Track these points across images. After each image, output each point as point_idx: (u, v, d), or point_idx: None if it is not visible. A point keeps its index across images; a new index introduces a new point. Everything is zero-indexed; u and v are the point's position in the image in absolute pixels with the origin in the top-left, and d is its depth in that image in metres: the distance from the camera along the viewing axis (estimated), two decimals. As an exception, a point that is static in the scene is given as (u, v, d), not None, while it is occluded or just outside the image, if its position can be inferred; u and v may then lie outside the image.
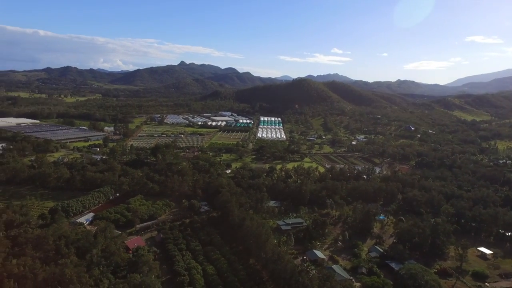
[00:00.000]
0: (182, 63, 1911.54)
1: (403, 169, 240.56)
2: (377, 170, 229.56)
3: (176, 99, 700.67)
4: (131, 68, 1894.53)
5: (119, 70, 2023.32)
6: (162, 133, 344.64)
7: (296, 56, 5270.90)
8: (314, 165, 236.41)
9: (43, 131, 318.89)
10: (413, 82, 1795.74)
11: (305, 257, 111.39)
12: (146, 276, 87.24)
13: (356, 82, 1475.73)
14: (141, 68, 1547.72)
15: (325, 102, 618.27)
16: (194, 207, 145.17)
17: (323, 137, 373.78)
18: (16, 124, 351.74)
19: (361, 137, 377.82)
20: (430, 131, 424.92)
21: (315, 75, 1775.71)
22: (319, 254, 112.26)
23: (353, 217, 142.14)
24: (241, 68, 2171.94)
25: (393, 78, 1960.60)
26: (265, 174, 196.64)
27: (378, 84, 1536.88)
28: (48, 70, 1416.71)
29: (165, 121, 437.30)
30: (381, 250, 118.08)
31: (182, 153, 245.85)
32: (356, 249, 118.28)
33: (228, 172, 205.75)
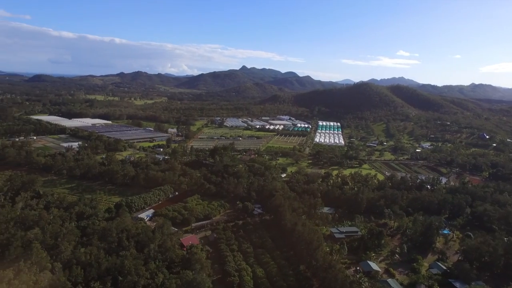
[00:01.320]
0: (243, 67, 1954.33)
1: (474, 180, 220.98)
2: (443, 180, 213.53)
3: (236, 103, 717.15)
4: (195, 72, 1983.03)
5: (185, 74, 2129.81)
6: (221, 136, 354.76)
7: (359, 59, 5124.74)
8: (373, 172, 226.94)
9: (114, 131, 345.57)
10: (489, 85, 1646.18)
11: (358, 268, 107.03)
12: (198, 274, 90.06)
13: (424, 86, 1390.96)
14: (204, 72, 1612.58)
15: (387, 107, 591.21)
16: (248, 209, 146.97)
17: (385, 143, 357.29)
18: (92, 124, 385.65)
19: (426, 145, 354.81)
20: (508, 140, 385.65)
21: (379, 79, 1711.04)
22: (374, 266, 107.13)
23: (413, 229, 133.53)
24: (302, 72, 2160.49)
25: (466, 82, 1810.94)
26: (320, 180, 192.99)
27: (448, 88, 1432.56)
28: (121, 74, 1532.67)
29: (224, 124, 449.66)
30: (444, 267, 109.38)
31: (239, 156, 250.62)
32: (415, 264, 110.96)
33: (283, 176, 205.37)
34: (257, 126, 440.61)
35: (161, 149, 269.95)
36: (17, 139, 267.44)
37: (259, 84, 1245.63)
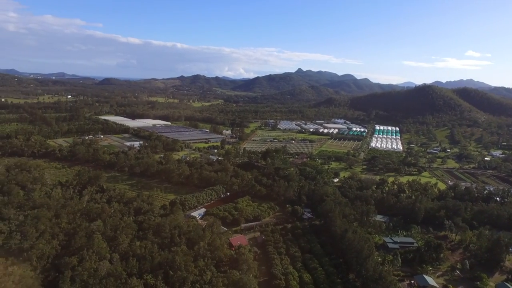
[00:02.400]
0: (299, 70, 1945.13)
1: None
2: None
3: (291, 106, 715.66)
4: (251, 75, 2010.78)
5: (241, 77, 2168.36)
6: (274, 138, 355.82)
7: (422, 60, 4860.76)
8: (433, 180, 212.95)
9: (172, 131, 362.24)
10: None
11: (412, 282, 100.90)
12: (245, 274, 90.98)
13: (496, 88, 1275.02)
14: (260, 75, 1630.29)
15: (453, 111, 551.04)
16: (297, 213, 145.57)
17: (448, 150, 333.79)
18: (152, 125, 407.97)
19: (497, 153, 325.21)
20: None
21: (444, 81, 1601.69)
22: (430, 280, 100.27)
23: (478, 244, 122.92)
24: (359, 75, 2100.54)
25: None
26: (374, 186, 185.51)
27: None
28: (181, 78, 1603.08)
29: (278, 126, 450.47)
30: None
31: (291, 159, 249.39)
32: (478, 283, 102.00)
33: (335, 181, 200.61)
34: (311, 130, 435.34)
35: (215, 150, 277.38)
36: (86, 138, 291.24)
37: (315, 87, 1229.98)
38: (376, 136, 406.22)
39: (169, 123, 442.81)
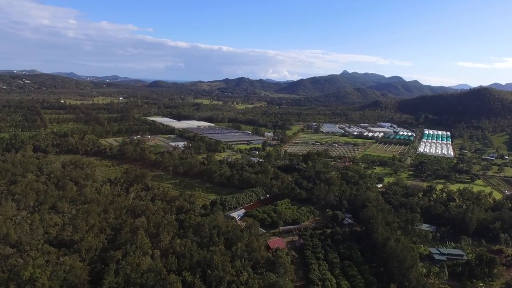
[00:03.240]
0: (344, 72, 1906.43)
1: None
2: None
3: (334, 108, 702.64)
4: (295, 78, 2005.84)
5: (285, 80, 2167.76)
6: (316, 141, 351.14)
7: (479, 61, 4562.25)
8: (487, 189, 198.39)
9: (215, 133, 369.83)
10: None
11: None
12: (281, 278, 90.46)
13: None
14: (304, 78, 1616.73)
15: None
16: (337, 218, 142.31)
17: (506, 157, 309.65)
18: (197, 126, 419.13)
19: None
20: None
21: (503, 83, 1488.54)
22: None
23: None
24: (409, 77, 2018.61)
25: None
26: (421, 194, 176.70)
27: None
28: (226, 80, 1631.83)
29: (320, 129, 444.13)
30: None
31: (333, 162, 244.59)
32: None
33: (378, 186, 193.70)
34: (355, 133, 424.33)
35: (257, 152, 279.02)
36: (135, 137, 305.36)
37: (360, 89, 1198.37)
38: (425, 140, 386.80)
39: (213, 124, 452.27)
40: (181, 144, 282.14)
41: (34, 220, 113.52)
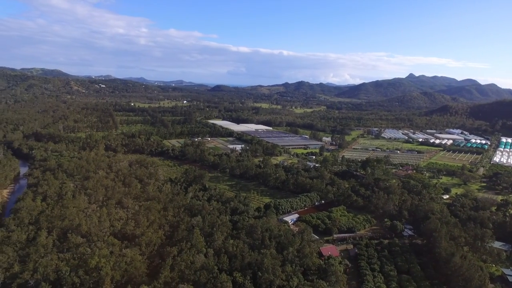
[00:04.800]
0: (410, 75, 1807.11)
1: None
2: None
3: (398, 113, 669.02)
4: (357, 81, 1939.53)
5: (346, 84, 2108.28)
6: (376, 147, 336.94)
7: None
8: None
9: (272, 136, 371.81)
10: None
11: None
12: (333, 286, 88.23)
13: None
14: (366, 81, 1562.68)
15: None
16: (396, 228, 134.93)
17: None
18: (255, 129, 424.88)
19: None
20: None
21: None
22: None
23: None
24: (485, 80, 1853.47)
25: None
26: (494, 208, 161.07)
27: None
28: (285, 84, 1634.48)
29: (382, 135, 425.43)
30: None
31: (394, 170, 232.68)
32: None
33: (444, 197, 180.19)
34: (420, 140, 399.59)
35: (313, 157, 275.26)
36: (196, 139, 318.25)
37: (428, 93, 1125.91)
38: (502, 149, 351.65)
39: (271, 128, 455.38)
40: (238, 147, 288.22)
41: (102, 214, 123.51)
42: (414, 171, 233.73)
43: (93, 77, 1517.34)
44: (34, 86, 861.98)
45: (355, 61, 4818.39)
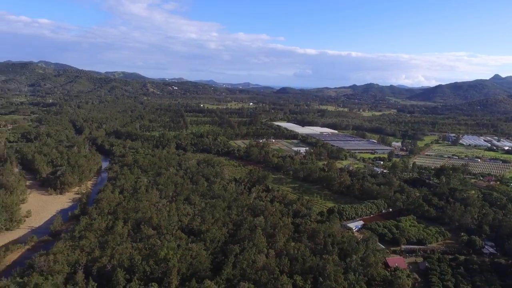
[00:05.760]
0: (496, 76, 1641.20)
1: None
2: None
3: (480, 118, 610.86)
4: (432, 83, 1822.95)
5: (420, 86, 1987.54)
6: (453, 155, 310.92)
7: None
8: None
9: (338, 140, 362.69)
10: None
11: None
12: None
13: None
14: (443, 83, 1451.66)
15: None
16: (475, 244, 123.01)
17: None
18: (320, 132, 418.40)
19: None
20: None
21: None
22: None
23: None
24: None
25: None
26: None
27: None
28: (353, 87, 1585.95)
29: (460, 141, 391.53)
30: None
31: (473, 180, 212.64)
32: None
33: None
34: (506, 148, 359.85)
35: (381, 162, 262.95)
36: (260, 141, 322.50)
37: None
38: None
39: (336, 131, 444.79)
40: (302, 150, 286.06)
41: (172, 208, 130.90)
42: (498, 182, 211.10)
43: (167, 79, 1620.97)
44: (116, 88, 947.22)
45: (430, 62, 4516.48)
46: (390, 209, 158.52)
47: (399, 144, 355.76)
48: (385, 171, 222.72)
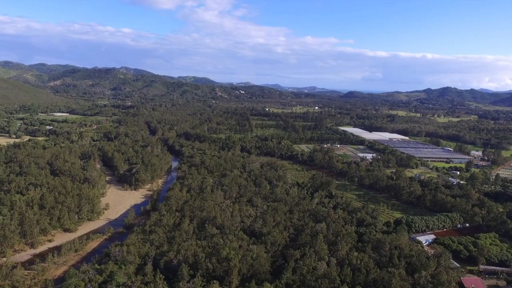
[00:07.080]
0: None
1: None
2: None
3: None
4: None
5: (507, 90, 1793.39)
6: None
7: None
8: None
9: (409, 147, 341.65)
10: None
11: None
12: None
13: None
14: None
15: None
16: None
17: None
18: (389, 138, 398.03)
19: None
20: None
21: None
22: None
23: None
24: None
25: None
26: None
27: None
28: (427, 90, 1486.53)
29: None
30: None
31: None
32: None
33: None
34: None
35: (458, 172, 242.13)
36: (325, 146, 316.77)
37: None
38: None
39: (407, 138, 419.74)
40: (369, 156, 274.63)
41: (235, 209, 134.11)
42: None
43: (234, 84, 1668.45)
44: (187, 92, 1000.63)
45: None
46: (467, 224, 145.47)
47: (479, 153, 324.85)
48: (461, 182, 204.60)
